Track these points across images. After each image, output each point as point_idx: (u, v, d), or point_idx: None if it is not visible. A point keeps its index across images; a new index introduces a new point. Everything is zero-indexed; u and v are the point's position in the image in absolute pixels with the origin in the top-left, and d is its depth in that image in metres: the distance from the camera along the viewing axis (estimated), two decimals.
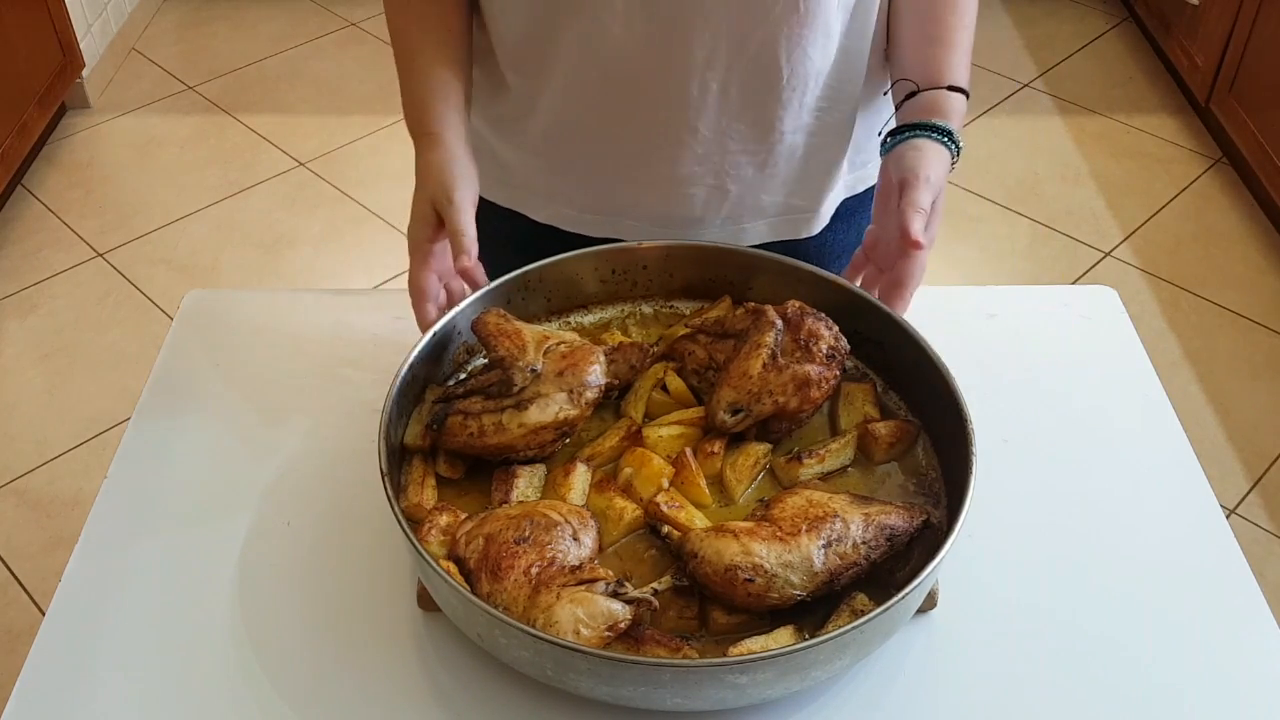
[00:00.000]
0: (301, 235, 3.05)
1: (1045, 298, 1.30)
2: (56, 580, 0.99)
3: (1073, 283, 2.87)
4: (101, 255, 2.98)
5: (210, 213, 3.12)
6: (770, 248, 1.16)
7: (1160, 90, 3.56)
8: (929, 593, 0.95)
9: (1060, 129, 3.41)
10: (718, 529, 0.89)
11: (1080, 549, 1.02)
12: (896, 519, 0.91)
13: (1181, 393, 2.55)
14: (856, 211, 1.29)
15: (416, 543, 0.86)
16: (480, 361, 1.09)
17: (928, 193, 1.02)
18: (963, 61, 1.11)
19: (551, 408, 0.97)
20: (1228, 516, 2.06)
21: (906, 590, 0.83)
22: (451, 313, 1.04)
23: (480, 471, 0.99)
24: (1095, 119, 3.45)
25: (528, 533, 0.88)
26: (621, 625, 0.84)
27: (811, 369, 0.99)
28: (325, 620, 0.96)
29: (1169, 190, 3.17)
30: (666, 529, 0.93)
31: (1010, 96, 3.55)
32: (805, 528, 0.88)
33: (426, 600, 0.94)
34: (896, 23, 1.14)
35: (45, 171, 3.26)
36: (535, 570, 0.86)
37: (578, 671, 0.82)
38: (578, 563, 0.88)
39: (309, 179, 3.25)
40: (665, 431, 1.01)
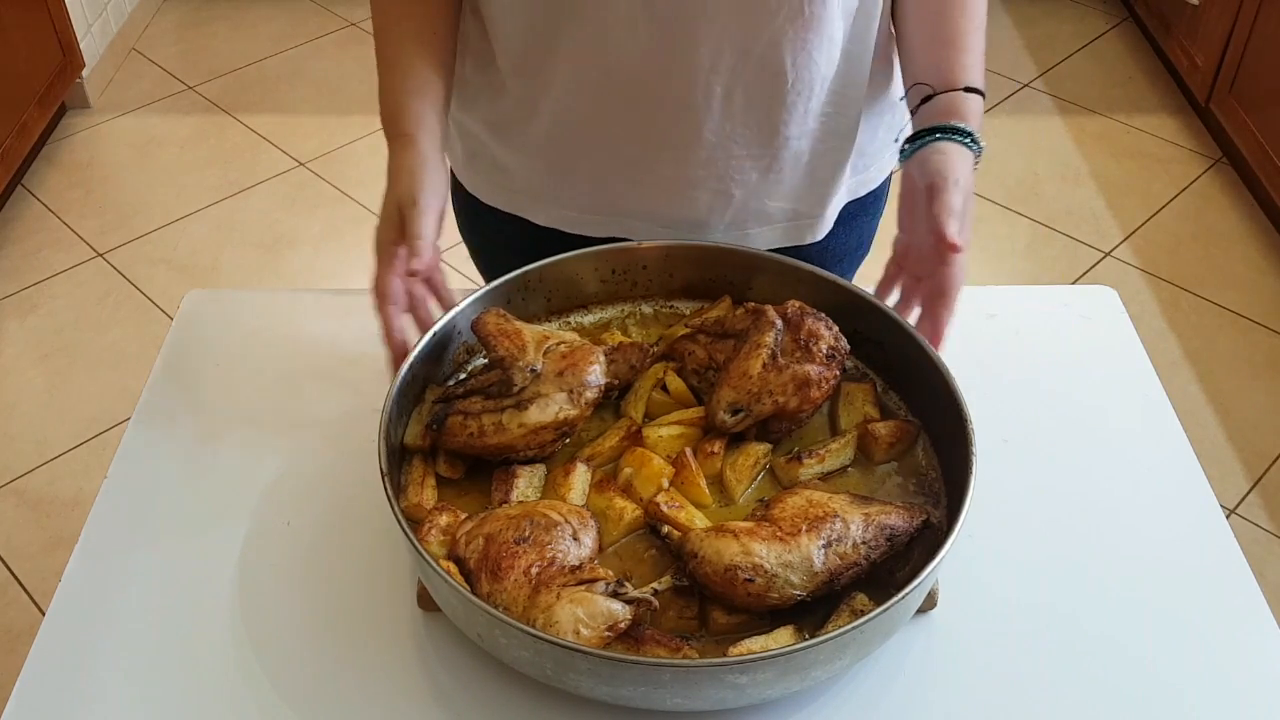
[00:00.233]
0: (301, 235, 3.05)
1: (1045, 298, 1.29)
2: (56, 580, 0.99)
3: (1073, 283, 2.87)
4: (101, 255, 2.98)
5: (210, 213, 3.12)
6: (774, 253, 1.15)
7: (1160, 90, 3.56)
8: (929, 593, 0.95)
9: (1060, 129, 3.41)
10: (718, 529, 0.89)
11: (1080, 549, 1.02)
12: (896, 519, 0.91)
13: (1181, 393, 2.55)
14: (858, 215, 1.28)
15: (416, 543, 0.86)
16: (480, 361, 1.09)
17: (959, 195, 1.01)
18: (976, 63, 1.11)
19: (551, 408, 0.97)
20: (1228, 516, 2.06)
21: (906, 590, 0.83)
22: (451, 313, 1.04)
23: (480, 471, 0.99)
24: (1095, 119, 3.45)
25: (528, 533, 0.88)
26: (621, 625, 0.84)
27: (811, 369, 0.99)
28: (325, 620, 0.96)
29: (1169, 190, 3.17)
30: (666, 529, 0.93)
31: (1010, 96, 3.55)
32: (805, 528, 0.88)
33: (426, 600, 0.94)
34: (906, 26, 1.13)
35: (45, 171, 3.25)
36: (535, 570, 0.86)
37: (578, 671, 0.82)
38: (578, 563, 0.87)
39: (309, 179, 3.25)
40: (665, 431, 1.01)
